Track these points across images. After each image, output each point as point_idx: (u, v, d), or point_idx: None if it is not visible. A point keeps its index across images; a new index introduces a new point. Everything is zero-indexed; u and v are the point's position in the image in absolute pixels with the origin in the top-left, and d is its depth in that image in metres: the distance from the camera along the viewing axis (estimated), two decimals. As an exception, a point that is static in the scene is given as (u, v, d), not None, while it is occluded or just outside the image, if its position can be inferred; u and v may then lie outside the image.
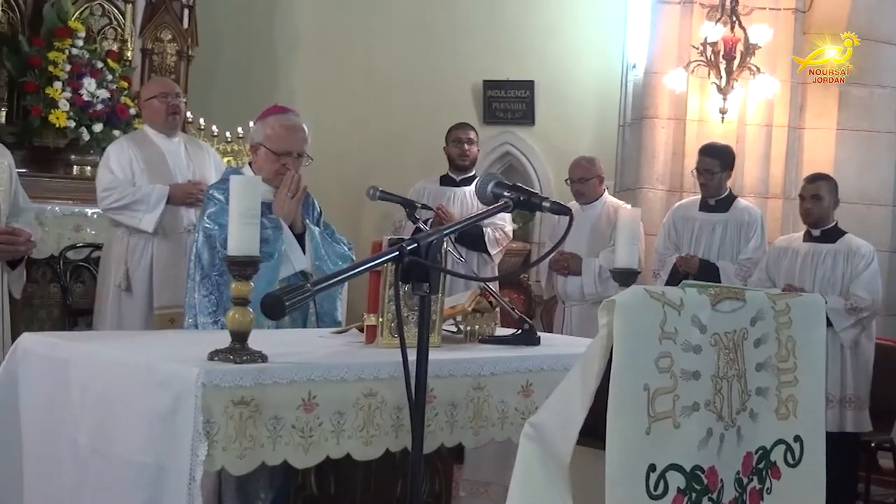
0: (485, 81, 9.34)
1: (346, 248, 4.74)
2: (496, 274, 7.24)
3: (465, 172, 7.47)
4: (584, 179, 7.13)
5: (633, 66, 8.49)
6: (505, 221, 7.19)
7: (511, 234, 7.44)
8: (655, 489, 2.56)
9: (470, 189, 7.39)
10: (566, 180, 7.24)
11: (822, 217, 6.54)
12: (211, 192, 4.58)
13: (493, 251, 7.20)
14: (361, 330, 3.87)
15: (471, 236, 6.91)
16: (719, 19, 7.82)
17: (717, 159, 6.93)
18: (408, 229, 6.88)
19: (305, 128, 4.63)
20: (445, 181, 7.48)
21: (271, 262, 4.23)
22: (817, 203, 6.52)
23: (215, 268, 4.35)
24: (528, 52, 9.27)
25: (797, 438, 2.92)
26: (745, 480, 2.80)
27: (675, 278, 6.67)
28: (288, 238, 4.41)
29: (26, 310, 7.05)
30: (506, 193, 3.02)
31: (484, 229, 6.98)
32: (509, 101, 9.39)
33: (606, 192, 7.29)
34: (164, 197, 5.94)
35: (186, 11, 8.55)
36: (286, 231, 4.41)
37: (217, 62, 9.29)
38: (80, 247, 7.00)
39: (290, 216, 4.43)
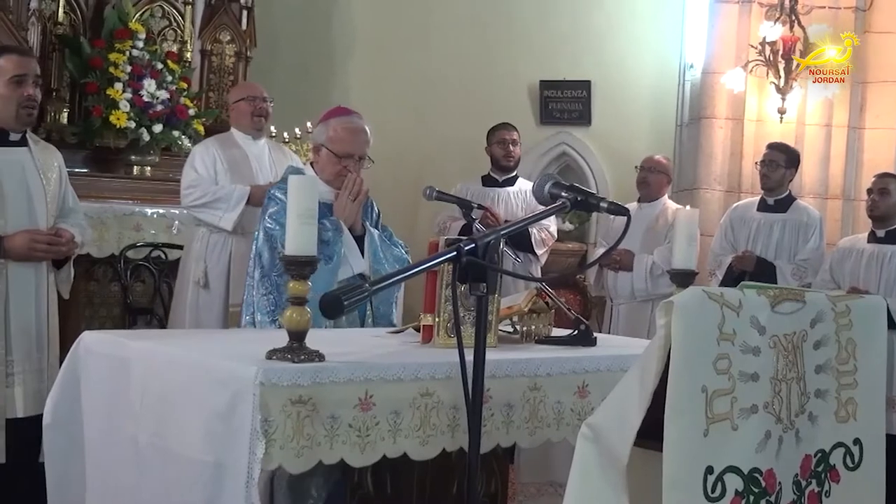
0: (541, 81, 9.32)
1: (404, 251, 4.76)
2: (538, 274, 7.24)
3: (508, 173, 7.48)
4: (655, 170, 7.14)
5: (691, 66, 8.44)
6: (550, 222, 7.19)
7: (556, 235, 7.43)
8: (713, 491, 2.54)
9: (513, 189, 7.41)
10: (636, 167, 7.25)
11: (887, 213, 6.49)
12: (272, 191, 4.61)
13: (539, 252, 7.19)
14: (418, 330, 3.88)
15: (517, 237, 6.90)
16: (778, 18, 7.77)
17: (784, 154, 6.92)
18: (453, 230, 6.91)
19: (368, 130, 4.65)
20: (488, 182, 7.48)
21: (330, 265, 4.25)
22: (884, 197, 6.47)
23: (275, 268, 4.38)
24: (584, 51, 9.24)
25: (857, 441, 2.90)
26: (804, 483, 2.78)
27: (730, 278, 6.64)
28: (347, 241, 4.43)
29: (87, 308, 7.14)
30: (563, 194, 3.02)
31: (530, 230, 6.97)
32: (566, 102, 9.36)
33: (667, 196, 7.27)
34: (245, 197, 6.03)
35: (245, 13, 8.60)
36: (346, 233, 4.43)
37: (274, 63, 9.34)
38: (140, 246, 7.06)
39: (351, 219, 4.45)
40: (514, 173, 7.49)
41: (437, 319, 3.67)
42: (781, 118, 7.86)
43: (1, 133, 4.69)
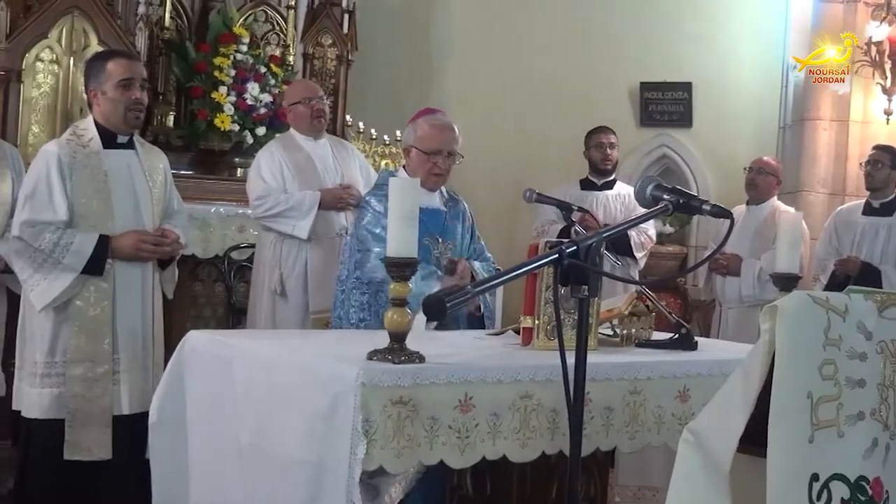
0: (642, 83, 9.24)
1: (493, 268, 4.81)
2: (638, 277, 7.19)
3: (606, 176, 7.43)
4: (764, 172, 7.06)
5: (795, 67, 8.32)
6: (649, 225, 7.12)
7: (654, 238, 7.37)
8: (818, 499, 2.50)
9: (612, 193, 7.36)
10: (745, 168, 7.17)
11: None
12: (367, 198, 4.66)
13: (638, 255, 7.14)
14: (517, 332, 3.88)
15: (616, 240, 6.83)
16: (884, 18, 7.62)
17: (889, 154, 6.81)
18: (552, 233, 6.88)
19: (456, 127, 4.66)
20: (586, 185, 7.44)
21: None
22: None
23: (363, 273, 4.46)
24: (685, 53, 9.15)
25: (967, 450, 2.82)
26: (912, 492, 2.72)
27: (835, 283, 6.53)
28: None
29: (192, 308, 7.25)
30: (665, 196, 3.00)
31: (629, 233, 6.91)
32: (666, 104, 9.27)
33: (776, 198, 7.18)
34: (316, 203, 5.99)
35: (346, 17, 8.67)
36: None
37: (374, 66, 9.40)
38: (244, 247, 7.15)
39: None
40: (612, 177, 7.45)
41: (536, 322, 3.67)
42: (888, 119, 7.71)
43: (109, 135, 4.79)
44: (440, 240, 4.67)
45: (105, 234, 4.67)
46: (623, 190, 7.35)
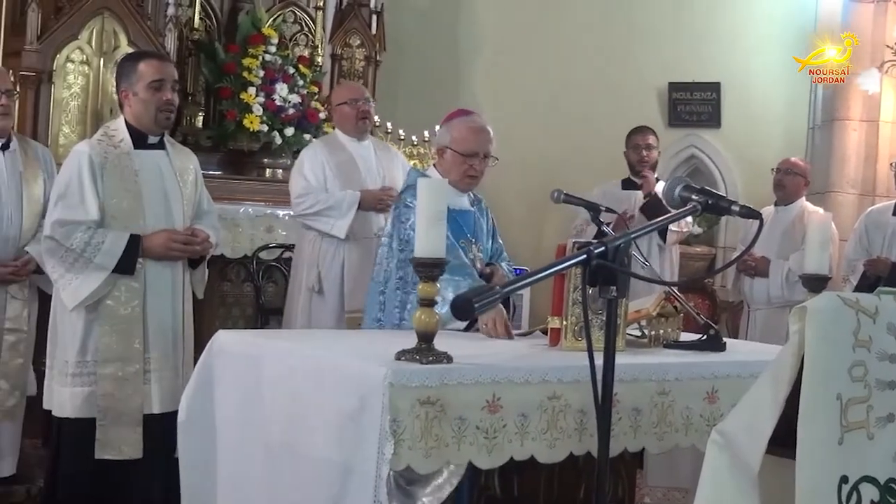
0: (670, 84, 9.22)
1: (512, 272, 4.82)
2: (675, 277, 7.15)
3: None
4: (791, 172, 7.03)
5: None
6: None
7: (691, 224, 7.32)
8: (848, 501, 2.49)
9: (657, 190, 7.32)
10: (772, 169, 7.14)
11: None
12: (405, 197, 4.65)
13: (669, 240, 7.10)
14: (545, 332, 3.88)
15: (653, 212, 6.78)
16: (915, 18, 7.57)
17: None
18: (588, 233, 6.86)
19: (490, 129, 4.67)
20: (627, 185, 7.42)
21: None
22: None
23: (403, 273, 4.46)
24: (714, 53, 9.12)
25: None
26: (943, 495, 2.71)
27: (865, 285, 6.50)
28: None
29: (221, 308, 7.28)
30: (694, 197, 2.99)
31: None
32: (695, 104, 9.24)
33: (805, 198, 7.14)
34: (356, 203, 6.02)
35: (374, 17, 8.70)
36: None
37: (403, 67, 9.41)
38: (272, 247, 7.18)
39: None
40: (655, 176, 7.40)
41: (564, 322, 3.67)
42: (919, 120, 7.68)
43: (140, 136, 4.81)
44: (473, 242, 4.67)
45: (136, 234, 4.69)
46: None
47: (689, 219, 7.13)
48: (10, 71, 6.00)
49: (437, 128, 4.86)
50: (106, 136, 4.79)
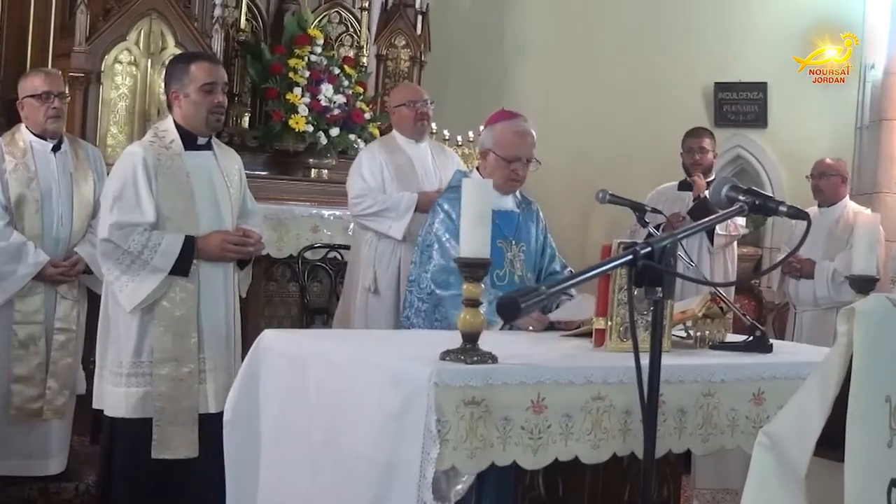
0: (716, 83, 9.18)
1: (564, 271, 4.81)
2: (730, 279, 7.10)
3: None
4: (825, 175, 6.96)
5: (872, 67, 8.20)
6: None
7: (743, 225, 7.27)
8: (896, 505, 2.47)
9: (706, 194, 7.28)
10: (807, 176, 7.08)
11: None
12: (440, 201, 4.66)
13: (717, 243, 7.05)
14: (589, 333, 3.87)
15: (701, 212, 6.72)
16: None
17: None
18: (640, 233, 6.84)
19: (533, 132, 4.66)
20: (683, 186, 7.38)
21: None
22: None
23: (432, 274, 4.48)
24: (760, 52, 9.06)
25: None
26: None
27: (912, 285, 6.45)
28: None
29: (267, 307, 7.32)
30: (741, 197, 2.97)
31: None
32: (741, 104, 9.19)
33: (848, 197, 7.07)
34: (413, 205, 6.00)
35: (420, 18, 8.71)
36: None
37: (448, 67, 9.43)
38: (318, 247, 7.21)
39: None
40: (711, 177, 7.34)
41: (609, 323, 3.66)
42: (969, 119, 7.59)
43: (189, 137, 4.83)
44: (513, 242, 4.67)
45: (191, 236, 4.71)
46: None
47: (741, 221, 7.08)
48: (61, 73, 6.06)
49: (481, 128, 4.85)
50: (157, 138, 4.80)
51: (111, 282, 4.71)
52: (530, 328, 4.21)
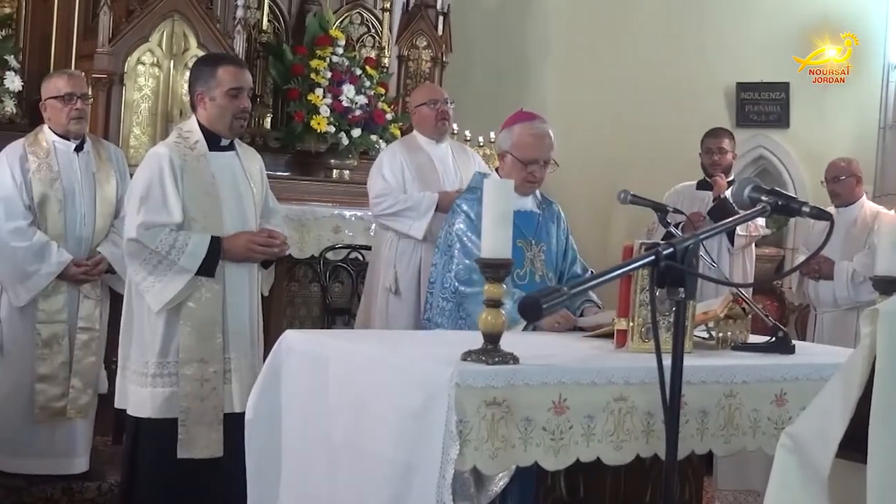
0: (738, 84, 9.15)
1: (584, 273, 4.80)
2: (748, 279, 7.07)
3: None
4: (839, 178, 6.92)
5: (895, 67, 8.16)
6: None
7: (763, 226, 7.24)
8: (920, 506, 2.46)
9: (726, 194, 7.26)
10: (822, 181, 7.04)
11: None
12: (458, 202, 4.66)
13: (738, 244, 7.02)
14: (611, 334, 3.86)
15: (721, 213, 6.70)
16: None
17: None
18: (659, 233, 6.82)
19: (552, 134, 4.65)
20: (701, 185, 7.36)
21: None
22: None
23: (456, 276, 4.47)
24: (782, 52, 9.03)
25: None
26: None
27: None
28: None
29: (288, 308, 7.34)
30: (763, 198, 2.96)
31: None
32: (763, 104, 9.16)
33: (864, 196, 7.04)
34: (434, 205, 6.00)
35: (441, 18, 8.71)
36: None
37: (470, 68, 9.43)
38: (339, 248, 7.22)
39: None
40: (730, 178, 7.33)
41: (631, 324, 3.65)
42: None
43: (213, 138, 4.82)
44: (533, 242, 4.66)
45: (217, 236, 4.71)
46: (738, 191, 7.22)
47: (761, 222, 7.05)
48: (84, 74, 6.09)
49: (499, 129, 4.85)
50: (181, 139, 4.79)
51: (138, 282, 4.71)
52: (557, 324, 4.22)
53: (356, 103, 7.96)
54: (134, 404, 4.76)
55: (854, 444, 2.44)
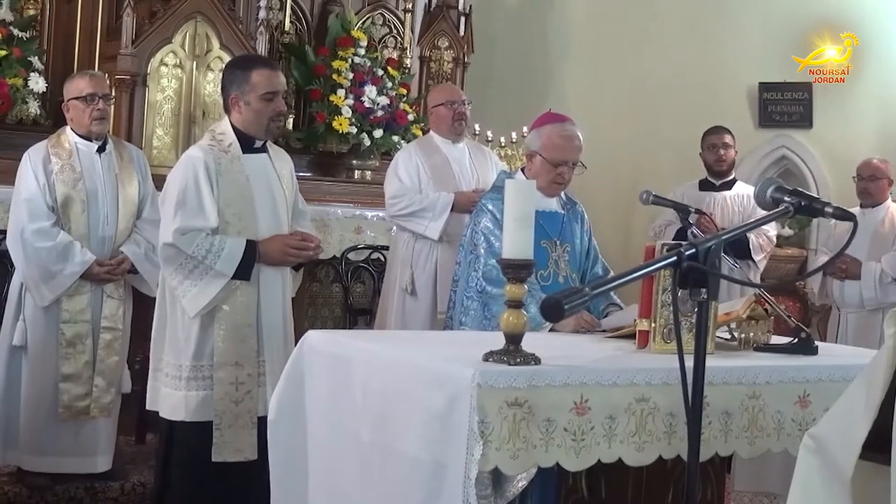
0: (760, 84, 9.12)
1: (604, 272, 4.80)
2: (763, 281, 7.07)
3: (723, 177, 7.33)
4: (875, 178, 6.91)
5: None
6: (769, 226, 7.00)
7: (774, 240, 7.24)
8: (944, 508, 2.44)
9: (730, 194, 7.26)
10: (853, 177, 7.02)
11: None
12: (483, 202, 4.66)
13: (756, 258, 7.02)
14: (633, 335, 3.86)
15: (734, 242, 6.72)
16: None
17: None
18: (668, 234, 6.82)
19: (580, 136, 4.66)
20: (704, 186, 7.35)
21: None
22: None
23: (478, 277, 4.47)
24: (805, 53, 8.99)
25: None
26: None
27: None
28: None
29: (311, 308, 7.36)
30: (786, 198, 2.95)
31: (748, 235, 6.80)
32: (786, 104, 9.13)
33: (890, 198, 7.02)
34: (449, 205, 6.02)
35: (463, 19, 8.71)
36: None
37: (491, 68, 9.43)
38: (361, 248, 7.24)
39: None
40: (731, 177, 7.35)
41: (653, 325, 3.65)
42: None
43: (246, 140, 4.81)
44: (557, 243, 4.66)
45: (252, 240, 4.72)
46: (742, 190, 7.24)
47: (772, 233, 7.07)
48: (106, 75, 6.12)
49: (525, 129, 4.85)
50: (215, 142, 4.78)
51: (174, 287, 4.69)
52: (582, 328, 4.22)
53: (378, 104, 7.97)
54: (168, 407, 4.76)
55: (878, 446, 2.43)
